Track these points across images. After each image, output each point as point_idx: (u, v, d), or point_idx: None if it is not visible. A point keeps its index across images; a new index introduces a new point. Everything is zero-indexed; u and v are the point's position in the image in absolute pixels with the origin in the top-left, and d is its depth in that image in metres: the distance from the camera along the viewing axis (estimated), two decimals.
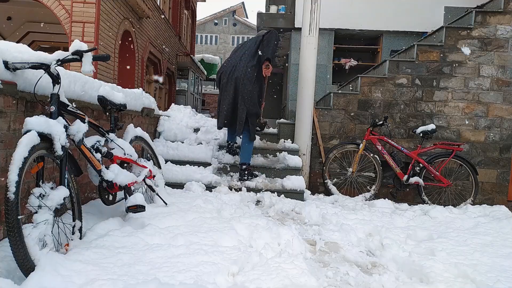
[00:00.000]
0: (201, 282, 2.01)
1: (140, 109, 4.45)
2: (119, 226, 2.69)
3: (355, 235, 3.18)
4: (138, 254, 2.26)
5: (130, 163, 3.13)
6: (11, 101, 2.23)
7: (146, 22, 11.36)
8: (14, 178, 1.83)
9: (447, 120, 5.44)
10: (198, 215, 3.17)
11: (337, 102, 5.55)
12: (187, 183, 4.38)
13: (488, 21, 5.34)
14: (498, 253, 2.77)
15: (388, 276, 2.43)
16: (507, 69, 5.36)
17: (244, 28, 36.91)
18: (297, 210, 4.01)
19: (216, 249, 2.44)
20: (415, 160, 5.00)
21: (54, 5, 7.91)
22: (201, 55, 21.49)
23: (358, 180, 5.22)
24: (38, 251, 1.89)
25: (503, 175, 5.42)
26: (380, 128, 5.27)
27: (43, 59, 2.25)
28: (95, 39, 7.93)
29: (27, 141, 1.94)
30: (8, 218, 1.79)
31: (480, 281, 2.28)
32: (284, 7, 7.85)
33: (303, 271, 2.21)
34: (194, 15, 20.18)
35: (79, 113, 2.52)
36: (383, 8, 7.45)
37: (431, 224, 3.70)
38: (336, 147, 5.23)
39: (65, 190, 2.16)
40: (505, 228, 3.40)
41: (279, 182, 4.68)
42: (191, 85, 17.36)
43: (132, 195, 2.83)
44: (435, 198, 5.17)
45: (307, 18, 5.20)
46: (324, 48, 7.61)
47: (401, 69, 5.46)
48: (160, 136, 5.33)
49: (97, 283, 1.86)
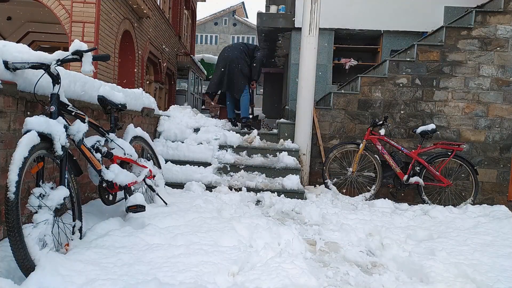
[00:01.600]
0: (201, 282, 2.01)
1: (140, 109, 4.45)
2: (119, 226, 2.69)
3: (355, 235, 3.19)
4: (138, 254, 2.26)
5: (130, 163, 3.13)
6: (11, 101, 2.23)
7: (146, 22, 11.36)
8: (14, 178, 1.83)
9: (447, 120, 5.44)
10: (198, 215, 3.17)
11: (337, 102, 5.55)
12: (187, 183, 4.38)
13: (488, 21, 5.34)
14: (498, 253, 2.77)
15: (388, 276, 2.43)
16: (507, 69, 5.36)
17: (244, 28, 36.90)
18: (297, 210, 4.01)
19: (216, 249, 2.45)
20: (415, 160, 5.00)
21: (54, 5, 7.91)
22: (201, 55, 21.47)
23: (358, 180, 5.22)
24: (38, 251, 1.89)
25: (503, 175, 5.42)
26: (380, 128, 5.27)
27: (43, 59, 2.25)
28: (95, 39, 7.92)
29: (27, 141, 1.94)
30: (8, 218, 1.79)
31: (480, 281, 2.28)
32: (284, 7, 7.85)
33: (303, 271, 2.21)
34: (194, 15, 20.17)
35: (79, 113, 2.52)
36: (383, 8, 7.45)
37: (431, 224, 3.69)
38: (336, 147, 5.23)
39: (65, 190, 2.16)
40: (505, 228, 3.40)
41: (279, 182, 4.68)
42: (191, 85, 17.36)
43: (132, 195, 2.83)
44: (435, 198, 5.17)
45: (307, 18, 5.20)
46: (324, 48, 7.60)
47: (401, 69, 5.46)
48: (160, 136, 5.33)
49: (97, 283, 1.86)
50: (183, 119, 5.63)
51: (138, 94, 4.40)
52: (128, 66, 10.29)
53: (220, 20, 36.95)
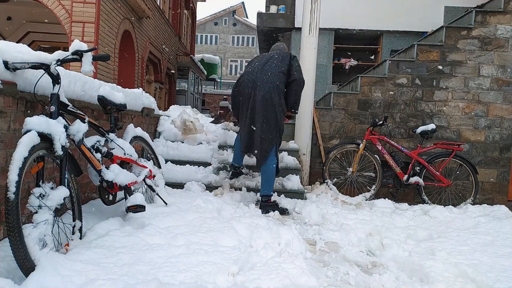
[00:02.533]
0: (201, 282, 2.01)
1: (140, 109, 4.45)
2: (119, 226, 2.69)
3: (355, 235, 3.18)
4: (138, 254, 2.26)
5: (130, 163, 3.13)
6: (11, 101, 2.23)
7: (146, 22, 11.36)
8: (14, 178, 1.83)
9: (447, 120, 5.44)
10: (198, 215, 3.17)
11: (337, 102, 5.55)
12: (187, 183, 4.38)
13: (488, 21, 5.34)
14: (498, 253, 2.77)
15: (388, 276, 2.43)
16: (507, 69, 5.36)
17: (244, 28, 36.91)
18: (297, 210, 4.01)
19: (216, 249, 2.45)
20: (415, 160, 5.00)
21: (54, 5, 7.92)
22: (201, 55, 21.49)
23: (358, 180, 5.22)
24: (38, 251, 1.89)
25: (503, 175, 5.42)
26: (380, 128, 5.27)
27: (43, 59, 2.25)
28: (95, 39, 7.93)
29: (27, 141, 1.94)
30: (8, 218, 1.79)
31: (480, 280, 2.28)
32: (284, 7, 7.86)
33: (303, 271, 2.21)
34: (194, 15, 20.18)
35: (79, 113, 2.52)
36: (383, 8, 7.45)
37: (431, 223, 3.69)
38: (336, 147, 5.23)
39: (65, 190, 2.16)
40: (505, 228, 3.40)
41: (279, 182, 4.67)
42: (191, 85, 17.37)
43: (132, 195, 2.83)
44: (435, 198, 5.17)
45: (307, 18, 5.20)
46: (324, 48, 7.61)
47: (401, 69, 5.46)
48: (160, 136, 5.33)
49: (97, 283, 1.86)
50: None
51: (138, 94, 4.40)
52: (128, 66, 10.29)
53: (220, 20, 36.95)
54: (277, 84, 3.87)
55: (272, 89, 3.85)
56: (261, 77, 3.91)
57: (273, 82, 3.87)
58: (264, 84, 3.87)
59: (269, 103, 3.84)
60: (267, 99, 3.84)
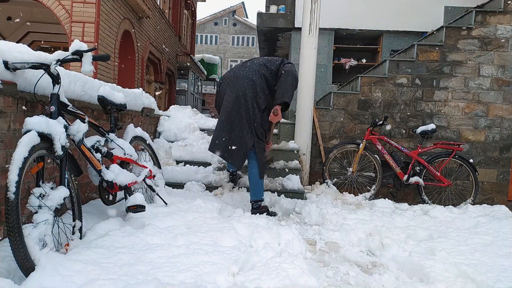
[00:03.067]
0: (201, 282, 2.01)
1: (140, 109, 4.45)
2: (119, 226, 2.69)
3: (355, 235, 3.18)
4: (138, 254, 2.26)
5: (130, 163, 3.13)
6: (11, 101, 2.23)
7: (146, 22, 11.36)
8: (14, 178, 1.83)
9: (447, 120, 5.44)
10: (198, 215, 3.17)
11: (337, 102, 5.55)
12: (187, 183, 4.38)
13: (488, 21, 5.34)
14: (498, 253, 2.77)
15: (388, 276, 2.43)
16: (507, 69, 5.36)
17: (244, 28, 36.91)
18: (297, 210, 4.01)
19: (216, 249, 2.45)
20: (415, 160, 5.00)
21: (54, 5, 7.92)
22: (201, 55, 21.48)
23: (358, 180, 5.22)
24: (38, 251, 1.89)
25: (503, 175, 5.42)
26: (380, 128, 5.27)
27: (43, 59, 2.25)
28: (95, 39, 7.93)
29: (27, 141, 1.94)
30: (8, 218, 1.79)
31: (480, 280, 2.28)
32: (284, 7, 7.86)
33: (303, 271, 2.21)
34: (194, 15, 20.18)
35: (79, 113, 2.52)
36: (383, 8, 7.45)
37: (431, 223, 3.69)
38: (336, 147, 5.23)
39: (65, 190, 2.16)
40: (505, 228, 3.40)
41: (279, 182, 4.67)
42: (191, 85, 17.37)
43: (132, 195, 2.83)
44: (435, 197, 5.17)
45: (307, 18, 5.20)
46: (324, 48, 7.61)
47: (401, 69, 5.46)
48: (160, 136, 5.33)
49: (97, 283, 1.86)
50: (183, 119, 5.63)
51: (138, 94, 4.40)
52: (128, 66, 10.29)
53: (220, 20, 36.96)
54: (253, 79, 3.62)
55: (247, 84, 3.60)
56: (238, 73, 3.71)
57: (249, 77, 3.62)
58: (239, 79, 3.64)
59: (242, 99, 3.58)
60: (239, 96, 3.59)
